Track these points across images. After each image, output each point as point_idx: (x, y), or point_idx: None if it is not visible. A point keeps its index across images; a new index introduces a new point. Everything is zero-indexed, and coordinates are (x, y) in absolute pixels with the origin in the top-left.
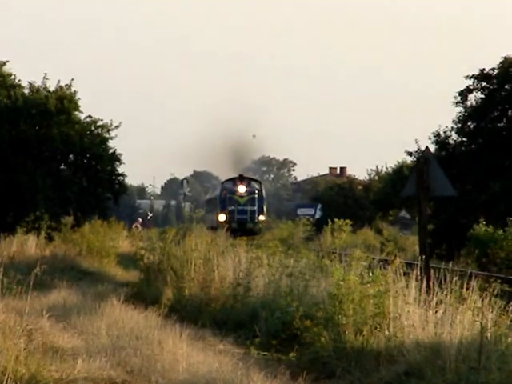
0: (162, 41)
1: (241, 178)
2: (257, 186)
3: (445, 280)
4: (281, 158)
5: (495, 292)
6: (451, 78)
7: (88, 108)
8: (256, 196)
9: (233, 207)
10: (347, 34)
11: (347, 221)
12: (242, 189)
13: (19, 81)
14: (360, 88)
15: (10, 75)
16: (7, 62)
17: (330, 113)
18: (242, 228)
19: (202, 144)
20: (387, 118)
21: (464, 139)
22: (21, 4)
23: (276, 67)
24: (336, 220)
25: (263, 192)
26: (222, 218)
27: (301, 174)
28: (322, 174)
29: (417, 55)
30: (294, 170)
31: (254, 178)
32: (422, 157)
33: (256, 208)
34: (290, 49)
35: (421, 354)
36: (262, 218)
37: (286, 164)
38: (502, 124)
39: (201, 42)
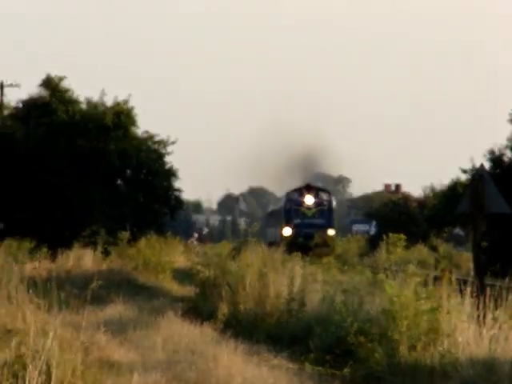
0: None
1: (308, 188)
2: (325, 197)
3: (500, 297)
4: (336, 174)
5: None
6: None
7: (145, 123)
8: (325, 208)
9: (299, 220)
10: (403, 53)
11: (402, 236)
12: (309, 200)
13: (77, 96)
14: (416, 104)
15: (68, 90)
16: (65, 77)
17: (384, 129)
18: (310, 243)
19: (259, 159)
20: (443, 134)
21: None
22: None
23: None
24: (390, 235)
25: (333, 203)
26: (287, 232)
27: (356, 190)
28: (376, 190)
29: (473, 70)
30: (348, 186)
31: (322, 187)
32: (477, 174)
33: (325, 221)
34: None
35: (475, 370)
36: (331, 232)
37: (341, 180)
38: None
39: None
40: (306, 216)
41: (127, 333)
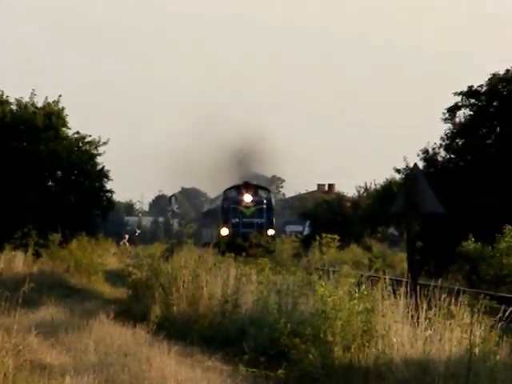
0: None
1: (246, 186)
2: (265, 195)
3: (433, 297)
4: (269, 175)
5: (484, 309)
6: (440, 95)
7: (76, 124)
8: (264, 207)
9: (237, 219)
10: (341, 47)
11: (335, 236)
12: (247, 198)
13: (7, 97)
14: (349, 104)
15: None
16: None
17: (318, 129)
18: (251, 241)
19: (192, 159)
20: (376, 134)
21: (452, 156)
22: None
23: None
24: (324, 235)
25: (272, 202)
26: (224, 232)
27: (289, 190)
28: (310, 190)
29: (407, 70)
30: (282, 186)
31: (261, 185)
32: (411, 174)
33: (265, 220)
34: (277, 59)
35: (409, 370)
36: (271, 232)
37: (274, 181)
38: (490, 141)
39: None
40: (245, 215)
41: (59, 335)
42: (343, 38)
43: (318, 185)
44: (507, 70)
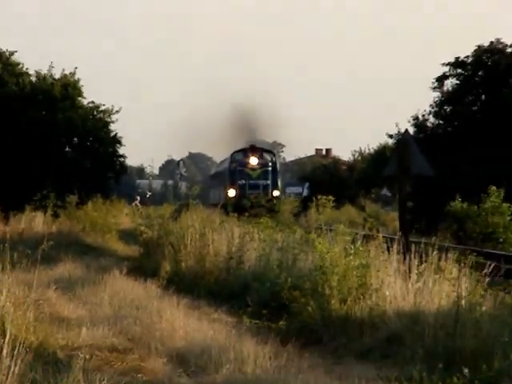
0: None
1: (252, 149)
2: (270, 158)
3: (424, 253)
4: (270, 141)
5: (470, 264)
6: (429, 64)
7: (90, 94)
8: (270, 169)
9: (244, 181)
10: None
11: (330, 197)
12: (253, 161)
13: (27, 69)
14: (344, 70)
15: (18, 64)
16: (15, 51)
17: (316, 96)
18: (258, 202)
19: (198, 124)
20: (371, 101)
21: (441, 122)
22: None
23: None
24: (320, 196)
25: (277, 164)
26: (231, 193)
27: (289, 155)
28: (308, 155)
29: (397, 42)
30: (282, 151)
31: (266, 148)
32: (402, 139)
33: (270, 182)
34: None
35: (401, 321)
36: (276, 193)
37: (275, 146)
38: (476, 108)
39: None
40: (251, 177)
41: (76, 290)
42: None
43: (316, 149)
44: (491, 42)
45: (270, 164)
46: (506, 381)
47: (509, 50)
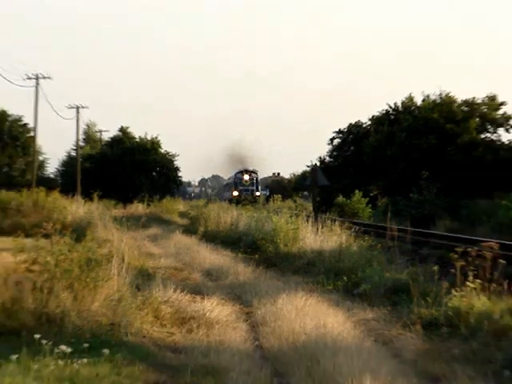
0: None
1: (245, 171)
2: (254, 175)
3: (324, 222)
4: (251, 168)
5: (346, 227)
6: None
7: (165, 145)
8: (254, 181)
9: (241, 187)
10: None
11: (279, 195)
12: (246, 177)
13: (134, 134)
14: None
15: (130, 132)
16: (128, 127)
17: (278, 139)
18: (248, 199)
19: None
20: (300, 148)
21: (331, 160)
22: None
23: None
24: (274, 195)
25: (258, 178)
26: (235, 193)
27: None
28: (269, 175)
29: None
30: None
31: (253, 170)
32: (313, 167)
33: (254, 188)
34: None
35: (313, 254)
36: (257, 193)
37: (256, 171)
38: (349, 153)
39: None
40: (245, 185)
41: (158, 240)
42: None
43: (273, 173)
44: (356, 121)
45: (255, 178)
46: (365, 282)
47: (364, 125)
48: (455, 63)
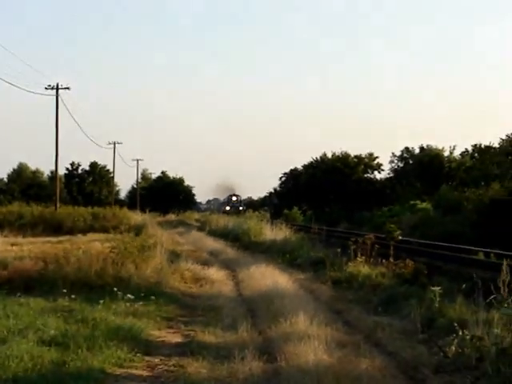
0: None
1: (234, 195)
2: (239, 197)
3: (276, 224)
4: (238, 192)
5: (290, 226)
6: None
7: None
8: (240, 200)
9: (231, 204)
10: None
11: (250, 209)
12: (234, 198)
13: (168, 174)
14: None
15: (166, 173)
16: (166, 170)
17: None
18: (236, 211)
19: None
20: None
21: (280, 189)
22: None
23: None
24: (248, 209)
25: (241, 199)
26: (227, 208)
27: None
28: (245, 198)
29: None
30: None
31: (238, 194)
32: (270, 193)
33: (239, 205)
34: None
35: (270, 242)
36: (241, 208)
37: (233, 190)
38: (290, 186)
39: None
40: (233, 203)
41: (183, 235)
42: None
43: (248, 196)
44: (295, 167)
45: (240, 199)
46: (299, 258)
47: (299, 169)
48: (350, 127)
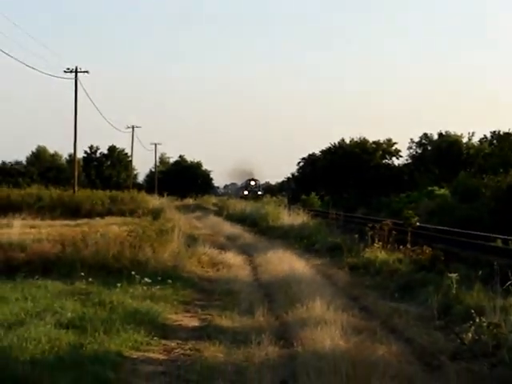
0: None
1: (252, 179)
2: (258, 182)
3: (294, 209)
4: (257, 177)
5: (309, 212)
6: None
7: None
8: (258, 185)
9: (250, 188)
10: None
11: (268, 194)
12: (252, 183)
13: (185, 158)
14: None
15: (184, 157)
16: (184, 154)
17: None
18: (253, 196)
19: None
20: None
21: (298, 174)
22: None
23: None
24: (266, 194)
25: (260, 183)
26: (246, 193)
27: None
28: (263, 182)
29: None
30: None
31: (256, 179)
32: (288, 179)
33: (257, 189)
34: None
35: (288, 227)
36: (259, 193)
37: (252, 174)
38: (308, 171)
39: None
40: (252, 188)
41: (200, 219)
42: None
43: (265, 181)
44: (313, 152)
45: (258, 183)
46: (317, 243)
47: (317, 155)
48: (371, 115)
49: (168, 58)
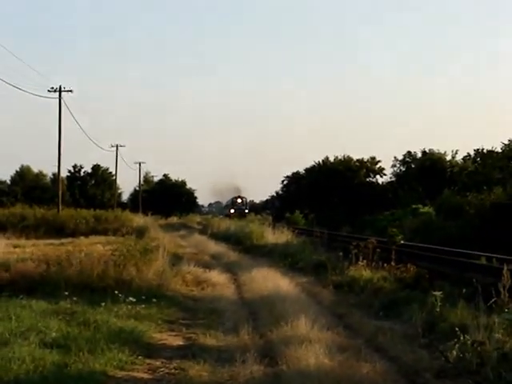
0: None
1: (238, 196)
2: (244, 199)
3: (278, 228)
4: (243, 194)
5: (291, 229)
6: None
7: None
8: (244, 202)
9: (236, 207)
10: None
11: (253, 212)
12: (239, 200)
13: (170, 177)
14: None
15: (168, 176)
16: (168, 173)
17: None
18: (240, 214)
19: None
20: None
21: (282, 193)
22: None
23: None
24: (251, 212)
25: (247, 201)
26: (232, 211)
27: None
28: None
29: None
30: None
31: (243, 196)
32: (272, 197)
33: (244, 207)
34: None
35: (272, 245)
36: (246, 211)
37: (239, 191)
38: (292, 189)
39: None
40: (238, 205)
41: (185, 238)
42: None
43: (250, 200)
44: (297, 171)
45: (245, 201)
46: (301, 261)
47: (301, 173)
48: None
49: (154, 76)
